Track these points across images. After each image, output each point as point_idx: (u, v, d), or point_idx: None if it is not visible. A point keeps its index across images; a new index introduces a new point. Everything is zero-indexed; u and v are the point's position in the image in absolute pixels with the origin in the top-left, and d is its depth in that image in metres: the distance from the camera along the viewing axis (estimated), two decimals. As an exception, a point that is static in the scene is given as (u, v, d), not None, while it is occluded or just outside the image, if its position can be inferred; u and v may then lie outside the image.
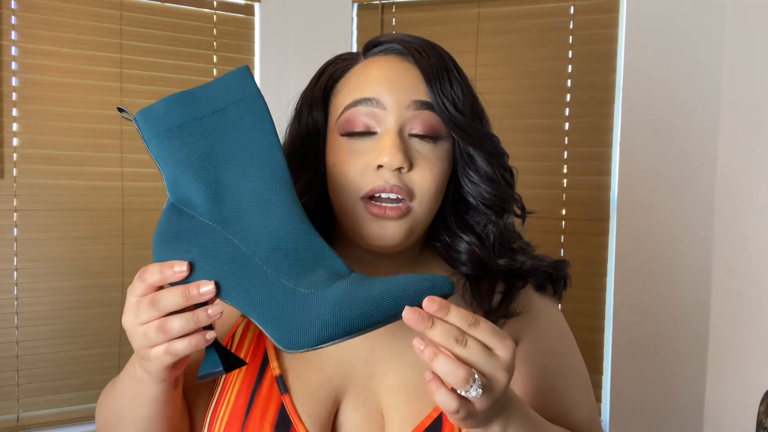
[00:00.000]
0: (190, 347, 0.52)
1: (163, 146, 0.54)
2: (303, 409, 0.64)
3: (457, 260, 0.72)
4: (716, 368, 1.71)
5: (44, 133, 1.80)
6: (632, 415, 1.79)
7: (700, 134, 1.71)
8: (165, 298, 0.51)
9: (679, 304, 1.74)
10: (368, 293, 0.50)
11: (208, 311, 0.51)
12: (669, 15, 1.73)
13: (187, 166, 0.54)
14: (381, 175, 0.64)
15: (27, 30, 1.77)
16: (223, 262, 0.53)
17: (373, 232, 0.65)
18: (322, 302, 0.50)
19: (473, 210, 0.71)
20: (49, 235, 1.81)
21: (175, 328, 0.51)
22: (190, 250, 0.53)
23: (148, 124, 0.54)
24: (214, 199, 0.54)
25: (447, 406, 0.50)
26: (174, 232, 0.54)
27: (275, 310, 0.51)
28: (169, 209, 0.55)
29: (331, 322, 0.49)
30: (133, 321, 0.52)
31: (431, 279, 0.50)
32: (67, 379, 1.84)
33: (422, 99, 0.65)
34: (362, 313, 0.49)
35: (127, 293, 0.54)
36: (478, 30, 1.90)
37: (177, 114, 0.54)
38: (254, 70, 2.08)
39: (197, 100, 0.55)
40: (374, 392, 0.67)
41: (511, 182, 0.72)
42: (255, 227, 0.53)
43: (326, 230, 0.74)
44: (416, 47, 0.67)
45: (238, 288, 0.52)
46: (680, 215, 1.73)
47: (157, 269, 0.52)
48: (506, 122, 2.05)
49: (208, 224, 0.54)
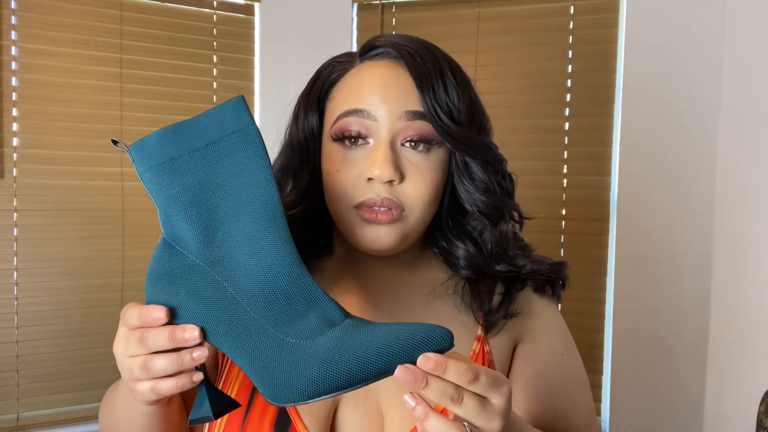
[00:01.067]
0: (175, 388, 0.51)
1: (156, 180, 0.52)
2: (302, 408, 0.64)
3: (455, 265, 0.72)
4: (716, 368, 1.71)
5: (44, 133, 1.80)
6: (632, 415, 1.79)
7: (700, 134, 1.71)
8: (152, 337, 0.51)
9: (679, 304, 1.74)
10: (359, 348, 0.47)
11: (193, 354, 0.50)
12: (669, 15, 1.73)
13: (178, 201, 0.52)
14: (372, 188, 0.64)
15: (27, 30, 1.77)
16: (211, 306, 0.51)
17: (367, 237, 0.65)
18: (310, 355, 0.48)
19: (470, 216, 0.71)
20: (49, 235, 1.81)
21: (159, 368, 0.50)
22: (179, 291, 0.52)
23: (141, 158, 0.52)
24: (204, 237, 0.53)
25: None
26: (164, 270, 0.53)
27: (262, 361, 0.49)
28: (161, 246, 0.54)
29: (318, 378, 0.47)
30: (122, 352, 0.52)
31: (428, 331, 0.47)
32: (67, 379, 1.84)
33: (414, 109, 0.64)
34: (351, 369, 0.47)
35: (120, 320, 0.53)
36: (478, 30, 1.90)
37: (170, 147, 0.52)
38: (254, 70, 2.08)
39: (191, 132, 0.53)
40: (373, 390, 0.67)
41: (509, 189, 0.72)
42: (245, 269, 0.52)
43: (326, 233, 0.74)
44: (410, 52, 0.66)
45: (225, 335, 0.51)
46: (680, 215, 1.73)
47: (136, 315, 0.51)
48: (506, 122, 2.06)
49: (198, 264, 0.53)
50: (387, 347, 0.47)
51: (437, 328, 0.48)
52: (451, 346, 0.48)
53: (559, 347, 0.75)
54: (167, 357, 0.50)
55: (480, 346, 0.70)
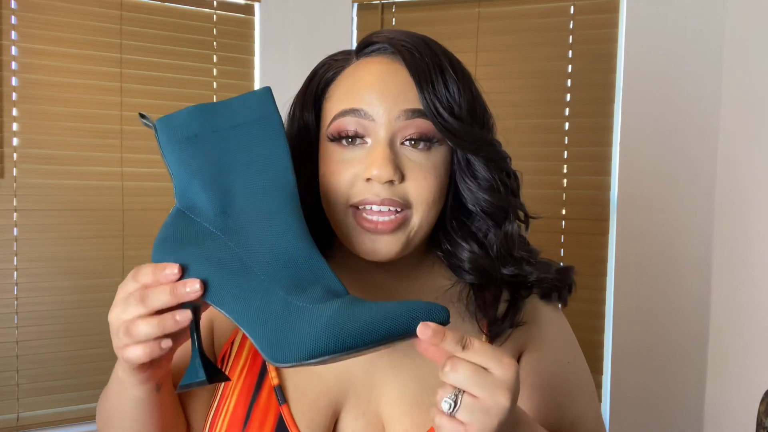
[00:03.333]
0: (144, 356, 0.51)
1: (178, 154, 0.55)
2: (301, 419, 0.63)
3: (460, 268, 0.69)
4: (716, 368, 1.71)
5: (44, 133, 1.80)
6: (632, 415, 1.79)
7: (700, 134, 1.71)
8: (153, 294, 0.51)
9: (679, 304, 1.74)
10: (363, 314, 0.49)
11: (176, 317, 0.50)
12: (669, 15, 1.73)
13: (199, 174, 0.55)
14: (371, 188, 0.61)
15: (27, 30, 1.77)
16: (221, 268, 0.52)
17: (365, 247, 0.62)
18: (316, 317, 0.50)
19: (473, 217, 0.68)
20: (49, 235, 1.81)
21: (142, 332, 0.50)
22: (190, 254, 0.53)
23: (167, 131, 0.55)
24: (221, 208, 0.55)
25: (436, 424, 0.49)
26: (177, 236, 0.55)
27: (268, 320, 0.50)
28: (175, 214, 0.56)
29: (323, 337, 0.48)
30: (118, 316, 0.52)
31: (428, 306, 0.50)
32: (67, 379, 1.84)
33: (413, 107, 0.62)
34: (355, 331, 0.48)
35: (118, 289, 0.53)
36: (478, 30, 1.90)
37: (196, 124, 0.55)
38: (254, 70, 2.08)
39: (217, 114, 0.56)
40: (374, 402, 0.65)
41: (513, 187, 0.69)
42: (258, 240, 0.54)
43: (324, 238, 0.71)
44: (407, 47, 0.63)
45: (232, 295, 0.52)
46: (680, 215, 1.73)
47: (150, 270, 0.52)
48: (506, 122, 2.04)
49: (212, 231, 0.54)
50: (391, 315, 0.49)
51: (436, 305, 0.50)
52: (447, 322, 0.50)
53: (565, 355, 0.73)
54: (150, 320, 0.51)
55: None
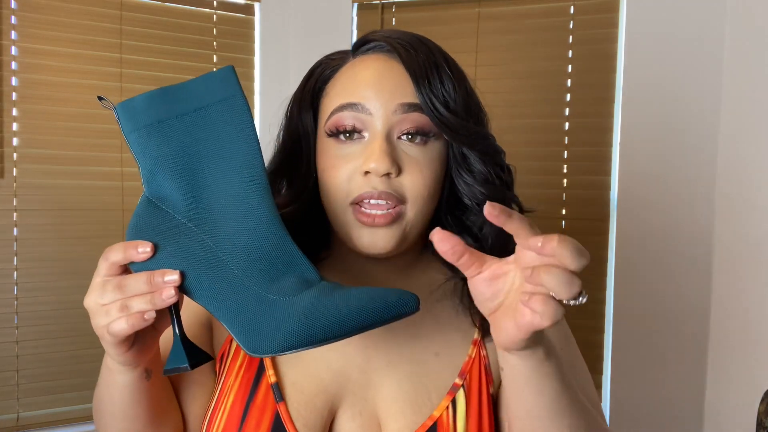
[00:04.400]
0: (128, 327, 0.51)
1: (143, 141, 0.53)
2: (298, 417, 0.64)
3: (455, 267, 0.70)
4: (716, 368, 1.71)
5: (44, 133, 1.80)
6: (632, 415, 1.79)
7: (700, 134, 1.71)
8: (130, 282, 0.52)
9: (679, 304, 1.74)
10: (336, 306, 0.50)
11: (162, 295, 0.51)
12: (669, 15, 1.73)
13: (165, 162, 0.53)
14: (369, 182, 0.62)
15: (27, 30, 1.77)
16: (195, 261, 0.52)
17: (363, 240, 0.64)
18: (289, 310, 0.50)
19: (469, 210, 0.69)
20: (49, 235, 1.81)
21: (135, 306, 0.51)
22: (164, 247, 0.53)
23: (128, 118, 0.53)
24: (190, 197, 0.54)
25: (556, 314, 0.47)
26: (148, 227, 0.54)
27: (243, 314, 0.51)
28: (144, 203, 0.55)
29: (296, 331, 0.49)
30: (96, 301, 0.53)
31: (398, 294, 0.50)
32: (67, 379, 1.84)
33: (409, 101, 0.63)
34: (327, 324, 0.49)
35: (94, 274, 0.54)
36: (478, 30, 1.90)
37: (158, 109, 0.53)
38: (254, 70, 2.08)
39: (179, 97, 0.54)
40: (371, 401, 0.66)
41: (508, 181, 0.70)
42: (229, 229, 0.53)
43: (322, 233, 0.72)
44: (403, 45, 0.65)
45: (208, 289, 0.52)
46: (680, 215, 1.73)
47: (120, 248, 0.53)
48: (506, 122, 2.06)
49: (183, 222, 0.54)
50: (361, 307, 0.49)
51: (406, 294, 0.51)
52: (416, 309, 0.51)
53: (558, 341, 0.73)
54: (142, 296, 0.52)
55: (476, 351, 0.69)
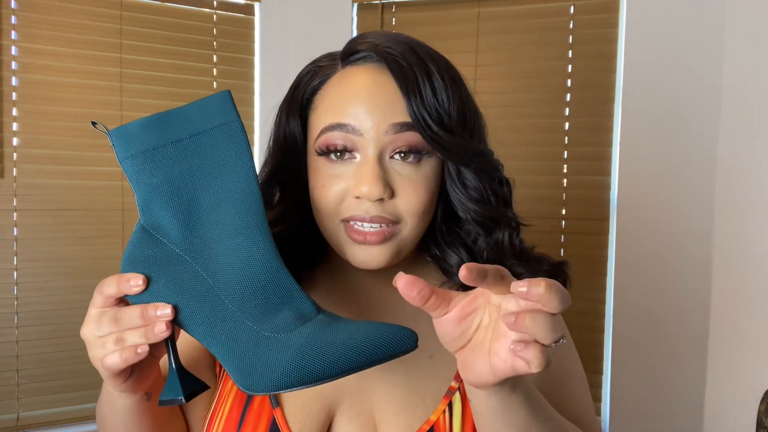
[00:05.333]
0: (121, 362, 0.51)
1: (137, 168, 0.52)
2: (294, 422, 0.64)
3: (449, 272, 0.70)
4: (716, 368, 1.71)
5: (44, 133, 1.80)
6: (632, 415, 1.79)
7: (700, 134, 1.71)
8: (125, 316, 0.51)
9: (679, 304, 1.74)
10: (330, 345, 0.49)
11: (154, 329, 0.51)
12: (669, 14, 1.73)
13: (160, 191, 0.52)
14: (361, 205, 0.61)
15: (27, 30, 1.77)
16: (188, 294, 0.52)
17: (357, 257, 0.63)
18: (283, 348, 0.50)
19: (464, 222, 0.68)
20: (49, 235, 1.81)
21: (130, 340, 0.51)
22: (158, 279, 0.52)
23: (122, 144, 0.52)
24: (185, 227, 0.53)
25: (547, 360, 0.46)
26: (142, 257, 0.53)
27: (237, 351, 0.50)
28: (139, 232, 0.54)
29: (290, 370, 0.49)
30: (93, 333, 0.52)
31: (396, 332, 0.49)
32: (67, 379, 1.84)
33: (401, 120, 0.61)
34: (322, 365, 0.49)
35: (90, 305, 0.54)
36: (478, 30, 1.90)
37: (153, 136, 0.52)
38: (254, 70, 2.08)
39: (175, 122, 0.52)
40: (367, 404, 0.66)
41: (505, 196, 0.68)
42: (224, 261, 0.52)
43: (317, 245, 0.72)
44: (393, 55, 0.62)
45: (201, 322, 0.51)
46: (680, 215, 1.73)
47: (114, 281, 0.52)
48: (506, 122, 2.05)
49: (178, 254, 0.53)
50: (356, 346, 0.49)
51: (404, 330, 0.50)
52: (415, 347, 0.50)
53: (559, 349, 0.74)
54: (136, 329, 0.51)
55: None
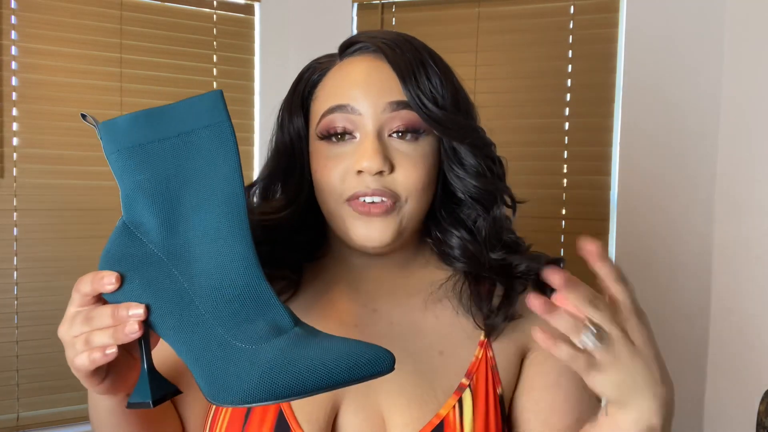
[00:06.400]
0: (89, 363, 0.51)
1: (122, 163, 0.51)
2: (301, 414, 0.64)
3: (449, 255, 0.71)
4: (716, 368, 1.71)
5: (44, 133, 1.80)
6: (632, 415, 1.79)
7: (700, 134, 1.71)
8: (97, 315, 0.51)
9: (679, 304, 1.74)
10: (300, 362, 0.48)
11: (125, 330, 0.50)
12: (669, 14, 1.72)
13: (143, 188, 0.51)
14: (362, 180, 0.63)
15: (27, 30, 1.77)
16: (163, 298, 0.51)
17: (359, 232, 0.64)
18: (253, 361, 0.48)
19: (462, 204, 0.70)
20: (49, 235, 1.81)
21: (97, 341, 0.51)
22: (132, 279, 0.52)
23: (109, 138, 0.51)
24: (166, 227, 0.52)
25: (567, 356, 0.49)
26: (121, 255, 0.53)
27: (206, 359, 0.49)
28: (120, 229, 0.53)
29: (257, 387, 0.47)
30: (66, 332, 0.53)
31: (372, 352, 0.48)
32: (67, 379, 1.84)
33: (397, 99, 0.64)
34: (289, 384, 0.47)
35: (69, 303, 0.54)
36: (478, 30, 1.90)
37: (141, 132, 0.51)
38: (254, 70, 2.08)
39: (164, 120, 0.51)
40: (373, 396, 0.66)
41: (499, 173, 0.71)
42: (203, 265, 0.51)
43: (318, 236, 0.74)
44: (388, 44, 0.66)
45: (173, 326, 0.51)
46: (680, 215, 1.73)
47: (89, 279, 0.52)
48: (506, 122, 2.05)
49: (156, 254, 0.52)
50: (328, 366, 0.47)
51: (381, 351, 0.49)
52: (391, 370, 0.49)
53: None
54: (105, 330, 0.51)
55: (483, 352, 0.69)
